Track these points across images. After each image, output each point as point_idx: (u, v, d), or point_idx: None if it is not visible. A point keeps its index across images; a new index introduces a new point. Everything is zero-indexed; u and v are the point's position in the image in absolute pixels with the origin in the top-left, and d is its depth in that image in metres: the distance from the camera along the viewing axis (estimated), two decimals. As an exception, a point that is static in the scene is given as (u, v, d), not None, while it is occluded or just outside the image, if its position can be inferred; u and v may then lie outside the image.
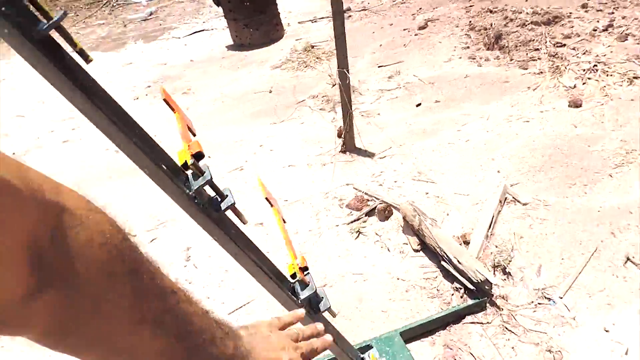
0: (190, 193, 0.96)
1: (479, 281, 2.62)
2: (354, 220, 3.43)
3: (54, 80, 0.77)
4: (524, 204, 3.33)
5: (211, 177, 1.00)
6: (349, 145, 4.28)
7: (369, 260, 3.09)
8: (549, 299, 2.66)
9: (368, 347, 2.47)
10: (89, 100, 0.80)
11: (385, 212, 3.39)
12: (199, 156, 0.99)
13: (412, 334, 2.54)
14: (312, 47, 6.86)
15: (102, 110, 0.82)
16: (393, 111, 4.92)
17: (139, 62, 7.74)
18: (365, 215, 3.46)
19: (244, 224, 1.10)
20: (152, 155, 0.93)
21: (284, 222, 1.48)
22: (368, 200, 3.59)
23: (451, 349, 2.51)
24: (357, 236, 3.31)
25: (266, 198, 1.39)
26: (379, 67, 5.99)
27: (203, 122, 5.39)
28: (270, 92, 5.83)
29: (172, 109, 1.10)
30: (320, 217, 3.55)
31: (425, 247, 3.07)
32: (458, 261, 2.76)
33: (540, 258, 2.90)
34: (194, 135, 1.16)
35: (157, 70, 7.27)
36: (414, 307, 2.74)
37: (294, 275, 1.24)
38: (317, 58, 6.52)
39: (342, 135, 4.25)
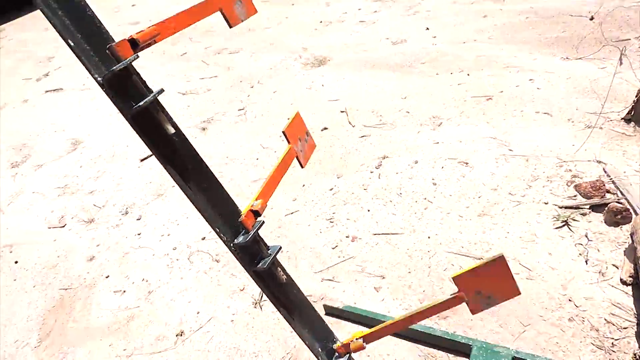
0: (99, 79, 0.88)
1: (677, 370, 1.74)
2: (571, 207, 2.64)
3: None
4: None
5: (129, 64, 0.90)
6: (638, 114, 3.12)
7: (552, 260, 2.39)
8: None
9: (461, 345, 2.05)
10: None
11: (617, 216, 2.47)
12: (133, 43, 0.90)
13: (532, 369, 1.95)
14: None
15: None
16: None
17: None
18: (589, 208, 2.60)
19: (170, 132, 0.98)
20: (79, 31, 0.88)
21: (302, 166, 1.28)
22: (608, 191, 2.65)
23: (574, 418, 1.84)
24: (561, 227, 2.55)
25: (283, 132, 1.20)
26: None
27: (489, 35, 4.77)
28: (592, 19, 4.60)
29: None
30: (535, 185, 2.85)
31: (638, 285, 2.16)
32: (664, 327, 1.86)
33: None
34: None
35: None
36: (564, 343, 2.05)
37: (239, 215, 1.07)
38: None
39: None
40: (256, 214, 1.05)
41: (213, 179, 1.06)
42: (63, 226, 3.48)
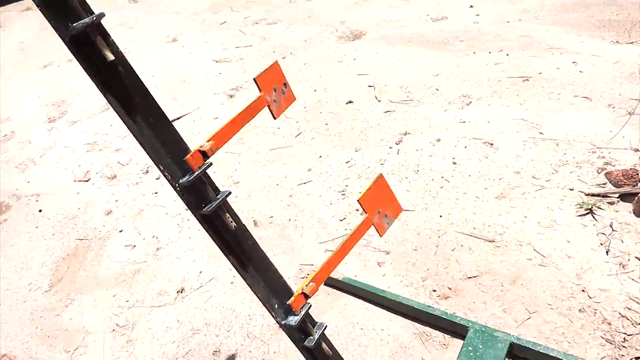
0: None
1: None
2: (598, 195, 2.45)
3: None
4: None
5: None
6: (688, 103, 2.86)
7: (569, 248, 2.23)
8: None
9: (459, 326, 1.95)
10: None
11: (648, 207, 2.28)
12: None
13: (528, 356, 1.83)
14: None
15: None
16: None
17: None
18: (618, 197, 2.41)
19: (108, 59, 0.93)
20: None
21: (274, 117, 1.23)
22: (642, 181, 2.45)
23: (570, 412, 1.72)
24: (584, 214, 2.38)
25: (254, 79, 1.16)
26: None
27: (536, 15, 4.50)
28: (650, 1, 4.24)
29: None
30: (562, 170, 2.67)
31: (661, 281, 1.98)
32: (682, 326, 1.70)
33: None
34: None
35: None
36: (571, 334, 1.92)
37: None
38: None
39: (689, 85, 2.84)
40: (204, 155, 1.00)
41: (162, 116, 1.02)
42: (87, 180, 3.59)
